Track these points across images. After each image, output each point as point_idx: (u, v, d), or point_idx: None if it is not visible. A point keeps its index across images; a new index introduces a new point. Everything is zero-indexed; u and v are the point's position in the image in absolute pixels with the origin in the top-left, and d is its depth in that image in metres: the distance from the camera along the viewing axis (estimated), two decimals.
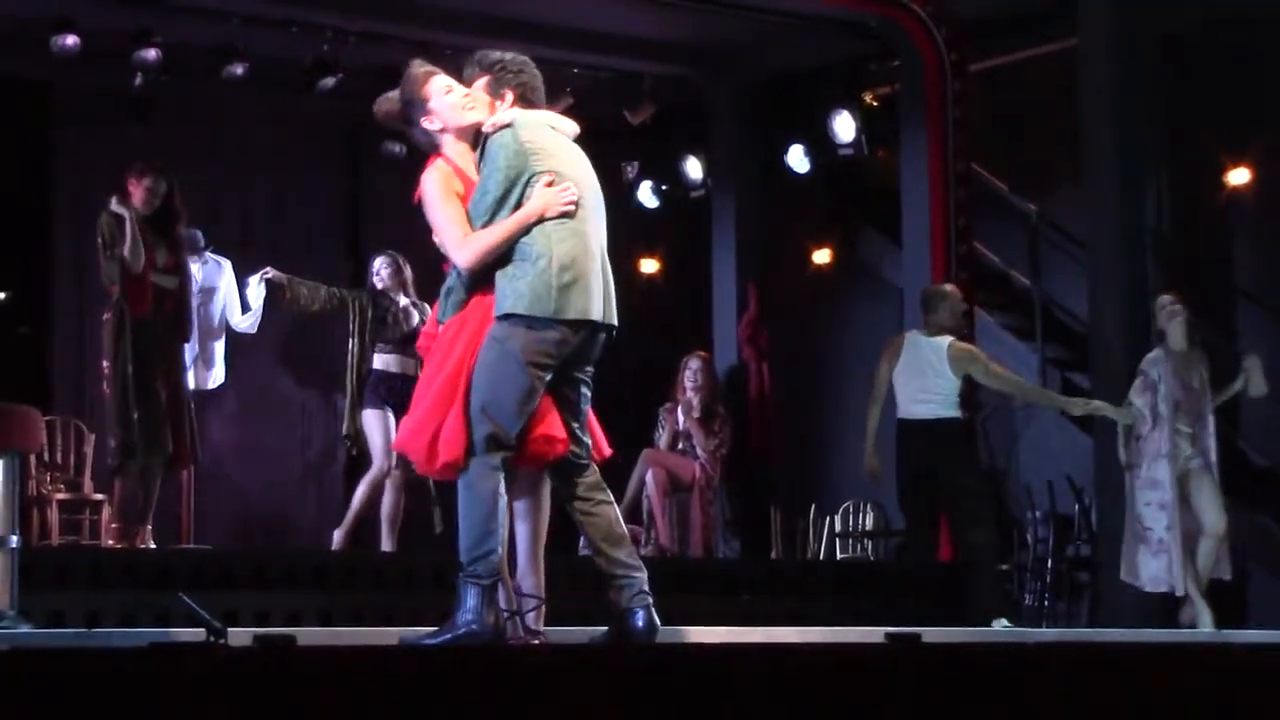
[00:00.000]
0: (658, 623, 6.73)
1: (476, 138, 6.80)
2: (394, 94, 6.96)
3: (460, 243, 6.66)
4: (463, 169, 6.80)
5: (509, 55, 6.95)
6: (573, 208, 6.63)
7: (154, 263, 10.47)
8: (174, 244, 10.65)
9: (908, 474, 11.12)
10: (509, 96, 6.83)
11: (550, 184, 6.61)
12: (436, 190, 6.77)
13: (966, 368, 10.98)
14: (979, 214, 13.99)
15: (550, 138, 6.78)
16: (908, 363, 11.07)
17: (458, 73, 6.92)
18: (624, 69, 15.05)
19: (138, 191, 10.47)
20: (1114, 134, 12.78)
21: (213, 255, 12.63)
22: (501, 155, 6.63)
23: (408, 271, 11.75)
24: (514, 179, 6.62)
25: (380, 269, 11.78)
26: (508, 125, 6.68)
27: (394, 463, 11.23)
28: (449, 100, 6.82)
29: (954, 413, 11.00)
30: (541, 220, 6.58)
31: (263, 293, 12.28)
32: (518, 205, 6.60)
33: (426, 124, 6.82)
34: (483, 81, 6.86)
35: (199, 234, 12.17)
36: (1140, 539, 10.95)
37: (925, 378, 10.97)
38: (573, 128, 6.94)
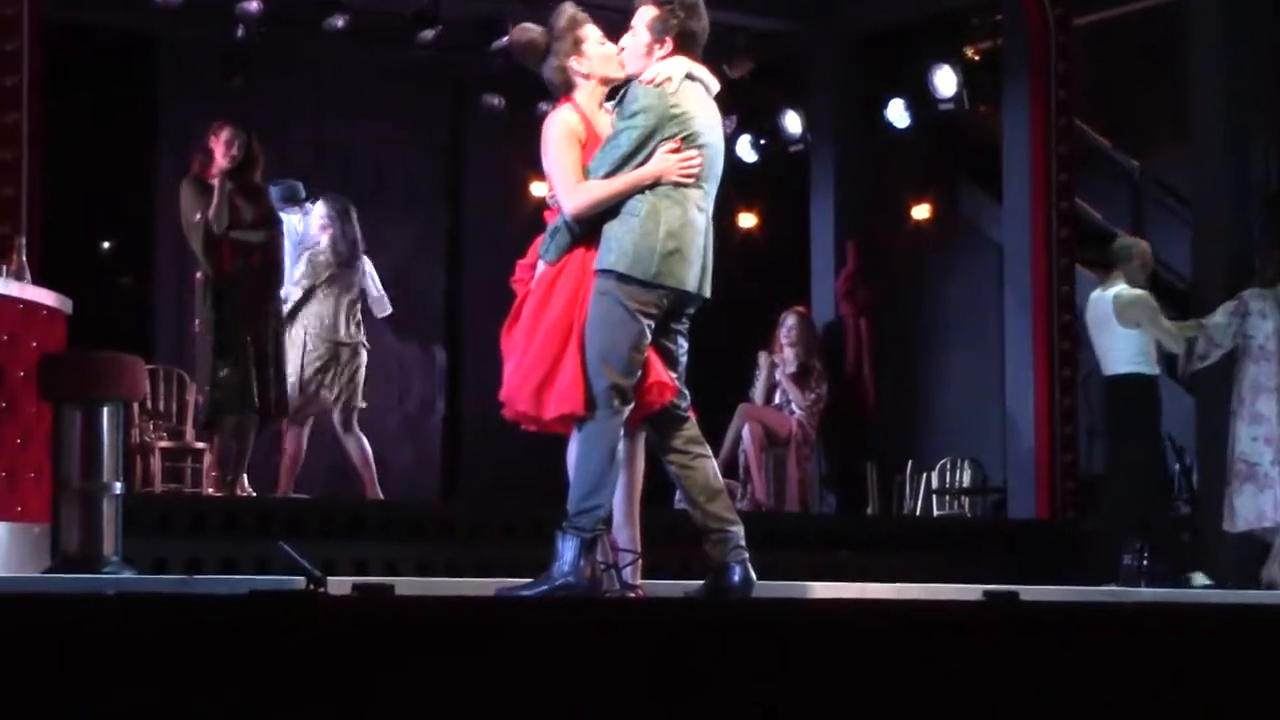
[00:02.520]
0: (754, 577, 6.73)
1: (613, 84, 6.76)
2: (533, 26, 6.87)
3: (572, 190, 6.63)
4: (590, 117, 6.76)
5: None
6: (691, 180, 6.61)
7: (240, 220, 10.52)
8: (258, 197, 10.68)
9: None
10: (668, 44, 6.73)
11: (676, 150, 6.58)
12: (559, 134, 6.71)
13: (1135, 317, 10.81)
14: (1081, 170, 13.87)
15: (698, 101, 6.71)
16: (1091, 317, 10.99)
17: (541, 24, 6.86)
18: (724, 22, 14.94)
19: (218, 147, 10.51)
20: (1220, 89, 12.64)
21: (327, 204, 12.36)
22: (644, 114, 6.58)
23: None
24: (648, 139, 6.57)
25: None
26: (665, 81, 6.60)
27: None
28: (603, 50, 6.78)
29: (1128, 369, 10.84)
30: (657, 183, 6.57)
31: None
32: (643, 163, 6.58)
33: (575, 63, 6.75)
34: (649, 16, 6.74)
35: (299, 186, 12.17)
36: (1246, 478, 10.86)
37: (1104, 333, 10.87)
38: (716, 85, 6.88)
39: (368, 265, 11.80)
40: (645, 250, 6.51)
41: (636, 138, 6.57)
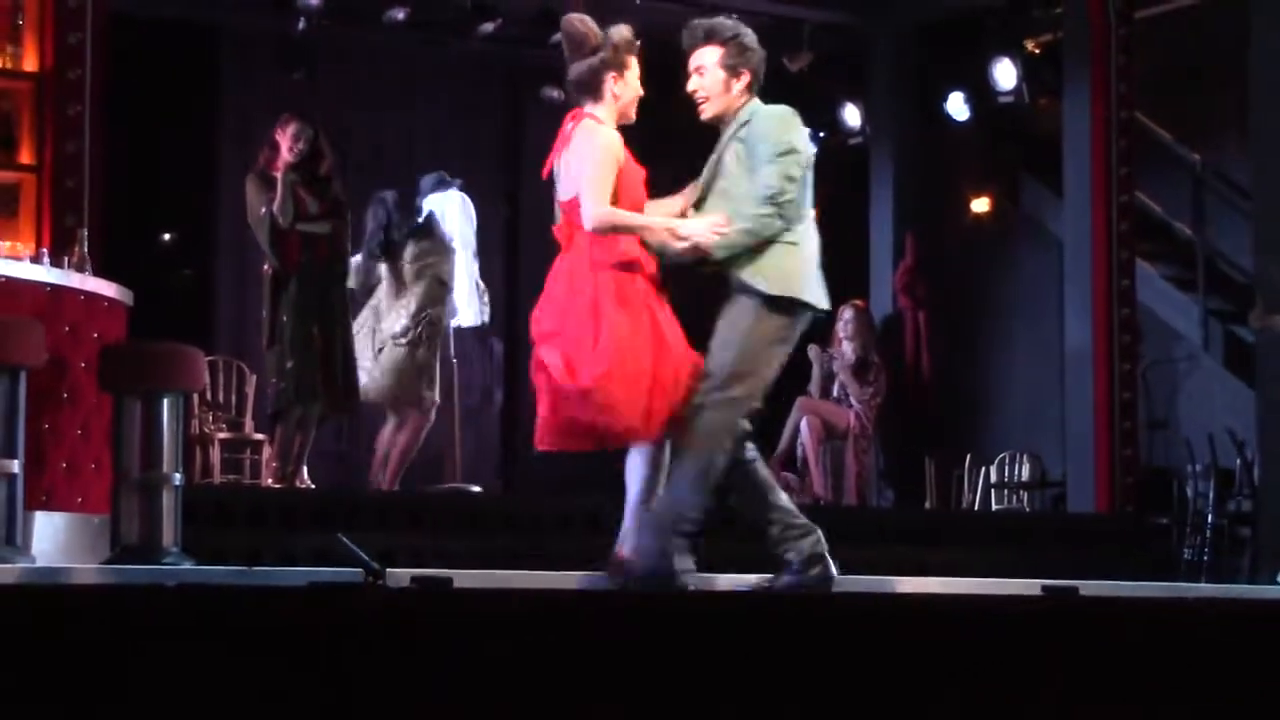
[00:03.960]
0: (834, 571, 6.75)
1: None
2: (591, 22, 6.93)
3: (602, 208, 6.70)
4: None
5: (740, 26, 7.13)
6: (703, 253, 6.88)
7: (305, 213, 10.55)
8: (323, 189, 10.70)
9: None
10: (745, 78, 7.01)
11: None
12: (604, 151, 6.79)
13: None
14: (1142, 164, 13.80)
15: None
16: None
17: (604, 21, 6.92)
18: (783, 15, 14.96)
19: (285, 140, 10.55)
20: None
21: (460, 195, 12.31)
22: (794, 163, 7.05)
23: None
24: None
25: None
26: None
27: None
28: (637, 87, 6.94)
29: None
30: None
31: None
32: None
33: (613, 82, 6.85)
34: (717, 55, 6.95)
35: (442, 174, 12.15)
36: None
37: None
38: None
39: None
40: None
41: (794, 184, 7.05)
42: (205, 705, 4.04)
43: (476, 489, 10.93)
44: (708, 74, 6.93)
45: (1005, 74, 14.50)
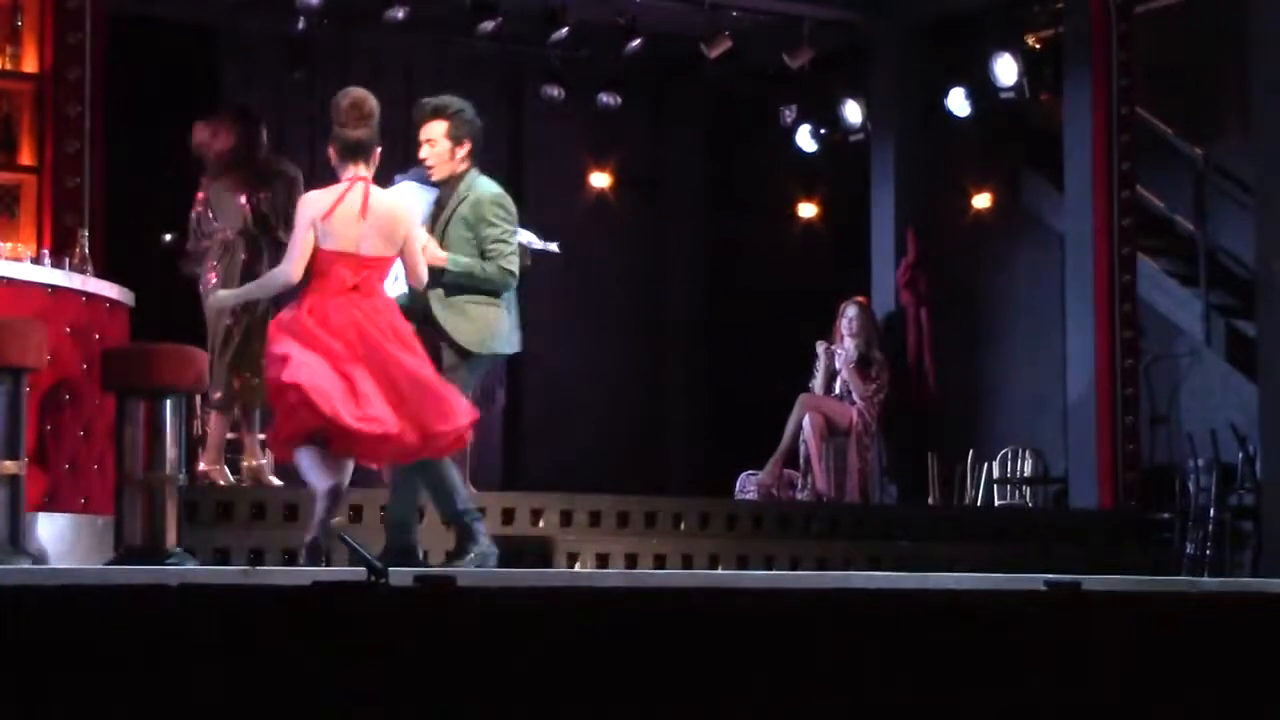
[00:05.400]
0: None
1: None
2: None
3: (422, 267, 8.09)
4: None
5: (463, 102, 8.51)
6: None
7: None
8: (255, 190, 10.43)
9: None
10: (467, 146, 8.40)
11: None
12: (417, 217, 8.18)
13: None
14: (1143, 159, 13.79)
15: None
16: None
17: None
18: (783, 11, 14.97)
19: (215, 144, 10.38)
20: None
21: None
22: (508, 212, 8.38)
23: None
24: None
25: None
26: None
27: None
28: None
29: None
30: None
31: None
32: None
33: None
34: (444, 128, 8.40)
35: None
36: None
37: None
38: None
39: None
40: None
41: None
42: (208, 705, 4.04)
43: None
44: (437, 145, 8.41)
45: (1006, 70, 14.49)
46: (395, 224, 7.97)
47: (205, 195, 10.49)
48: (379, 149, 8.14)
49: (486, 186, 8.38)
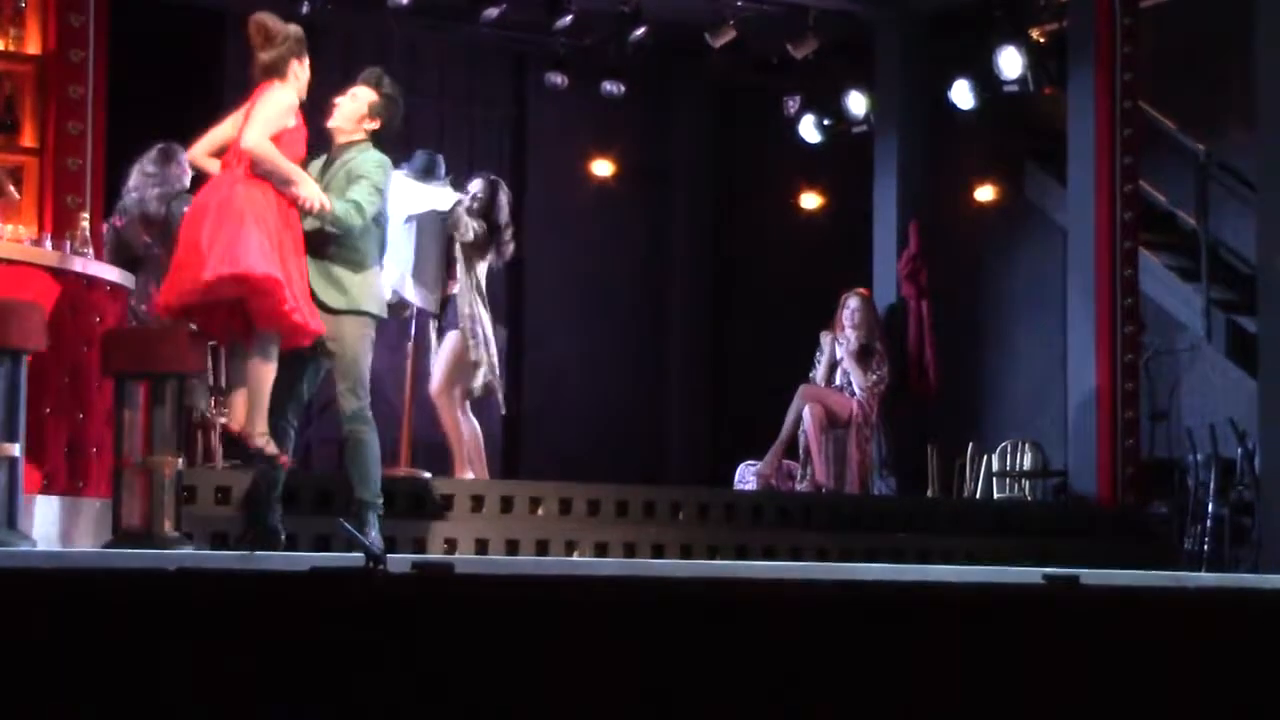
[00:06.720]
0: None
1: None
2: (280, 21, 8.49)
3: (262, 138, 8.27)
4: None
5: (399, 95, 8.82)
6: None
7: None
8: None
9: None
10: (374, 125, 8.64)
11: None
12: (281, 103, 8.28)
13: None
14: (1146, 153, 13.78)
15: None
16: None
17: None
18: (789, 2, 14.96)
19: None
20: None
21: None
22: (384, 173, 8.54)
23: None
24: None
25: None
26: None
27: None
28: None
29: None
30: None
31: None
32: None
33: (296, 68, 8.37)
34: (372, 96, 8.63)
35: (439, 159, 12.01)
36: None
37: None
38: None
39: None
40: None
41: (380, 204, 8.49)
42: (206, 690, 4.04)
43: (427, 475, 10.85)
44: (356, 101, 8.62)
45: (1010, 63, 14.46)
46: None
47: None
48: (295, 61, 8.41)
49: (374, 154, 8.56)
